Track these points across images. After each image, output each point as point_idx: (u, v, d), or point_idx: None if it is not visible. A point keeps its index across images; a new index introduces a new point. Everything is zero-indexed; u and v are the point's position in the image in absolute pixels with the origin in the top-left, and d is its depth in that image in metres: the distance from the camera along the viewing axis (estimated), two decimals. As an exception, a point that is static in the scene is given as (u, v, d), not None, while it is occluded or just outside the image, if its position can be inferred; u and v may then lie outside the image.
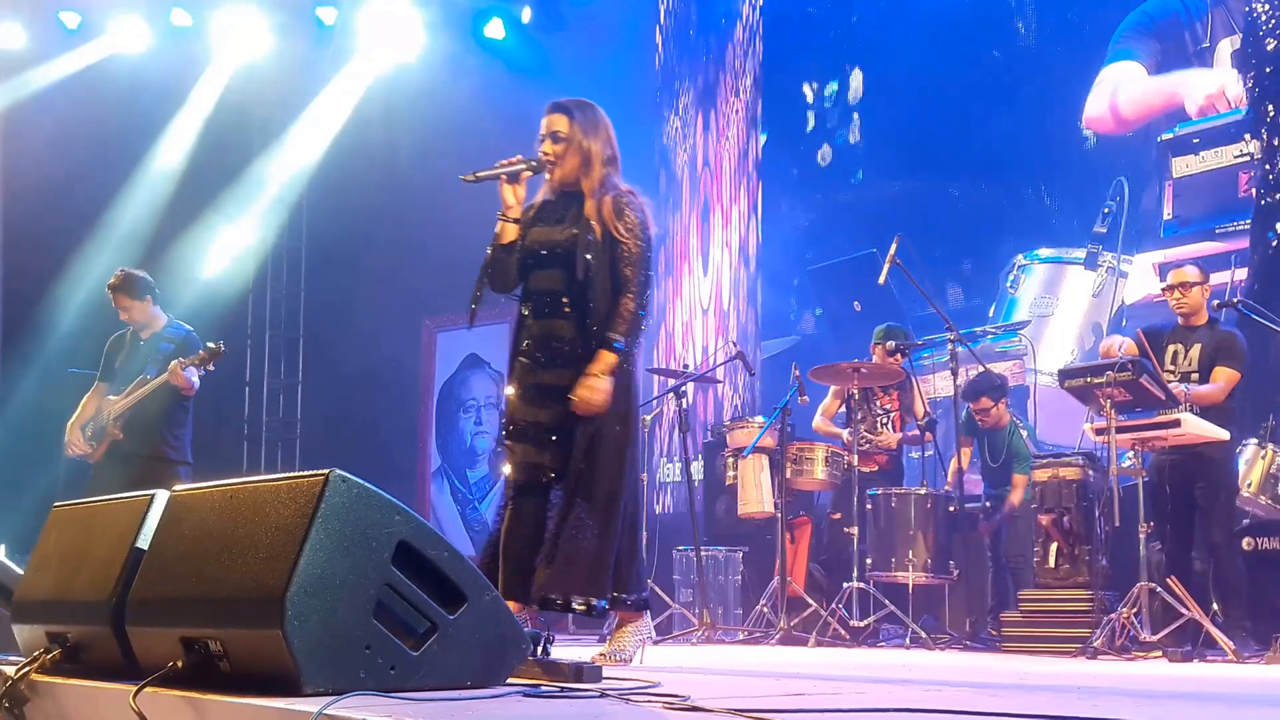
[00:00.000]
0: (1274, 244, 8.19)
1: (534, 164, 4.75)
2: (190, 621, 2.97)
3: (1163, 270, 7.79)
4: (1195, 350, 6.80)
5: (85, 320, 10.95)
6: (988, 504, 8.21)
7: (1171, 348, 6.85)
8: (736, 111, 11.71)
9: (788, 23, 11.47)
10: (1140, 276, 8.85)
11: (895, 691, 3.73)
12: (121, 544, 3.42)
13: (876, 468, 8.22)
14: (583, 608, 4.52)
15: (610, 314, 4.61)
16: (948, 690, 3.73)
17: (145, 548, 3.34)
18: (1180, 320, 6.92)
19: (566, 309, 4.66)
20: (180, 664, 2.95)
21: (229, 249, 12.63)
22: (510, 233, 4.78)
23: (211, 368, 7.16)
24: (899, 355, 8.00)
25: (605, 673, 3.43)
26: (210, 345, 7.11)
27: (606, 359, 4.54)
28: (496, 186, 4.85)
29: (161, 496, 3.43)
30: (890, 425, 8.36)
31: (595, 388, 4.51)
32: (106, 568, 3.42)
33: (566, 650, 4.83)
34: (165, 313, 7.48)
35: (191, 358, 7.06)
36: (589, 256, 4.60)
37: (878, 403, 8.38)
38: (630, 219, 4.66)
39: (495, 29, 11.89)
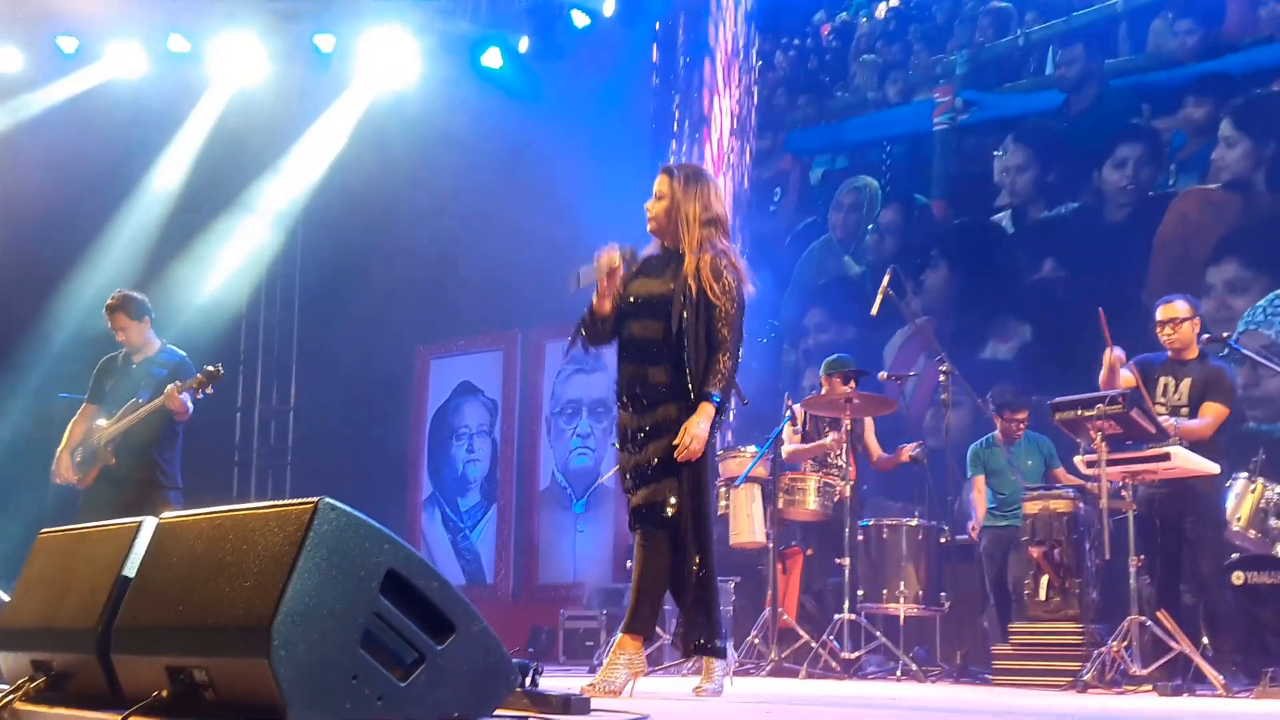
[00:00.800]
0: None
1: (627, 252, 4.98)
2: (176, 650, 2.96)
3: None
4: (1185, 384, 6.83)
5: (76, 345, 10.93)
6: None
7: (1162, 381, 6.87)
8: (731, 145, 11.79)
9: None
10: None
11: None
12: (108, 571, 3.41)
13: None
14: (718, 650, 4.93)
15: (707, 369, 4.87)
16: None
17: (132, 575, 3.32)
18: (1171, 354, 6.94)
19: (661, 358, 4.92)
20: (165, 693, 2.93)
21: (223, 275, 12.62)
22: (605, 308, 5.03)
23: (210, 391, 7.13)
24: (851, 384, 8.14)
25: (594, 704, 3.42)
26: (209, 369, 7.07)
27: (706, 410, 4.81)
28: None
29: (149, 523, 3.41)
30: (844, 458, 8.37)
31: (696, 435, 4.78)
32: (92, 595, 3.40)
33: (554, 681, 4.82)
34: (159, 338, 7.46)
35: (188, 381, 7.04)
36: (684, 314, 4.86)
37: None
38: (727, 281, 4.91)
39: (493, 58, 11.93)
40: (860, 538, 7.91)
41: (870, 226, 10.77)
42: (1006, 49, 10.16)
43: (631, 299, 5.01)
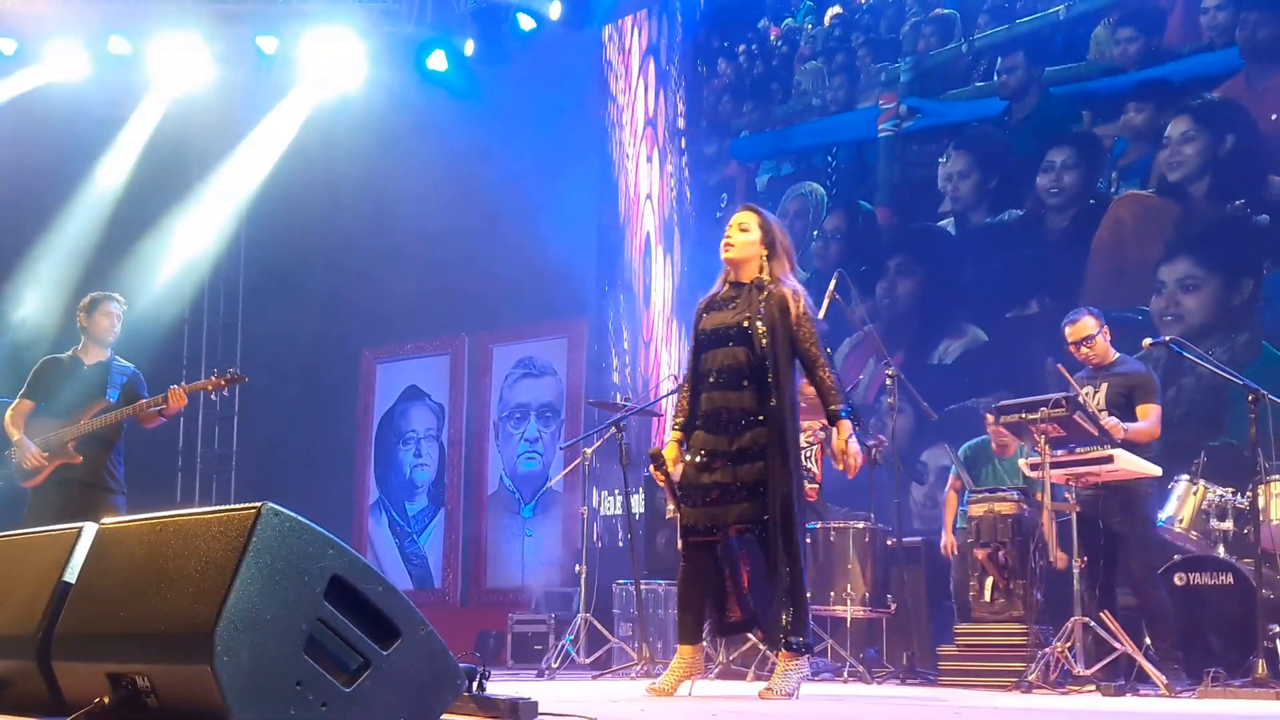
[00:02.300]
0: None
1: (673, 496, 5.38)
2: (118, 657, 2.93)
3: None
4: (1102, 389, 6.92)
5: (16, 349, 10.81)
6: None
7: (1084, 389, 6.93)
8: (668, 151, 11.82)
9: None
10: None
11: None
12: (48, 577, 3.37)
13: (814, 498, 8.21)
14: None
15: (820, 389, 5.29)
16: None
17: (73, 581, 3.29)
18: (1091, 368, 7.07)
19: (745, 384, 5.21)
20: (107, 700, 2.90)
21: (165, 278, 12.49)
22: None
23: (225, 394, 7.33)
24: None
25: (541, 708, 3.41)
26: (230, 372, 7.27)
27: (845, 426, 5.23)
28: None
29: (90, 529, 3.38)
30: (812, 461, 8.41)
31: (852, 452, 5.20)
32: (32, 601, 3.36)
33: (502, 685, 4.81)
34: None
35: (203, 382, 7.21)
36: (767, 341, 5.18)
37: None
38: (808, 308, 5.32)
39: (438, 60, 11.88)
40: (808, 540, 7.93)
41: (815, 233, 10.81)
42: (950, 56, 10.22)
43: (708, 331, 5.36)
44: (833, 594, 7.73)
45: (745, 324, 5.23)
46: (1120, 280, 9.04)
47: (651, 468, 5.39)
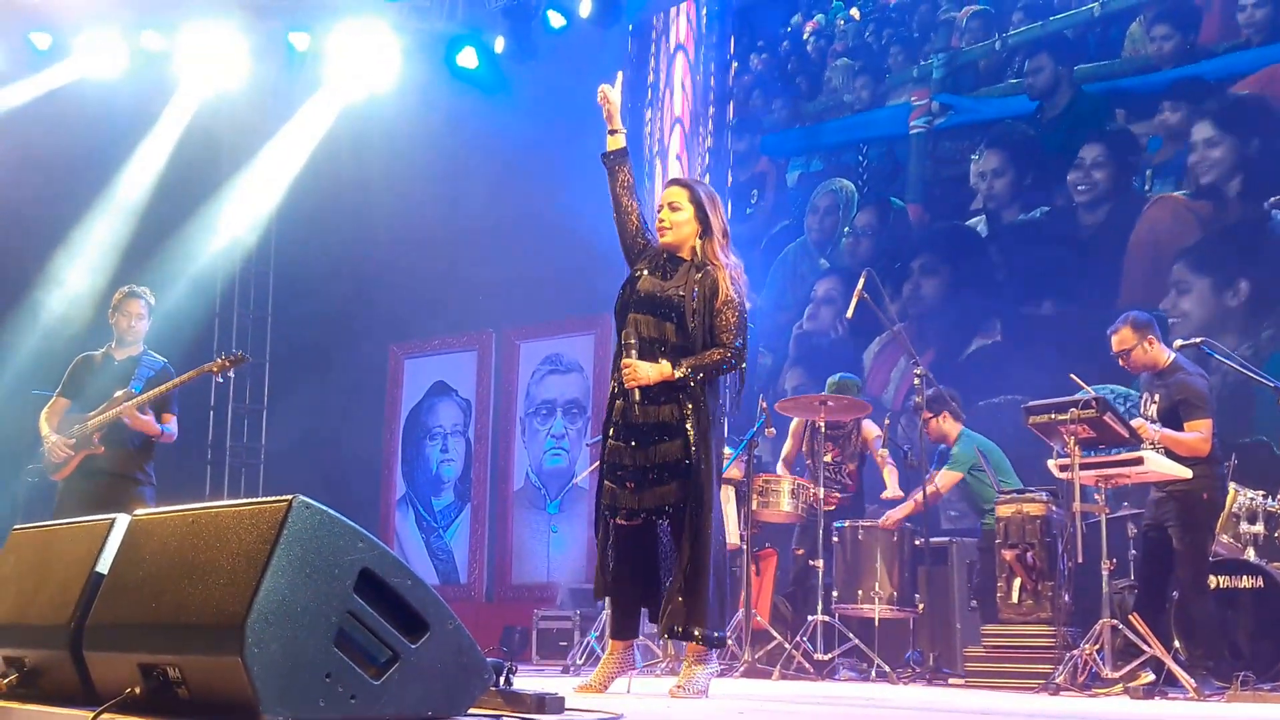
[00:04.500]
0: None
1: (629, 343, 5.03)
2: (149, 647, 2.94)
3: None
4: (1158, 398, 6.78)
5: (49, 342, 10.87)
6: None
7: (1144, 396, 6.88)
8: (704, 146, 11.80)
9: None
10: None
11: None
12: (81, 568, 3.39)
13: (835, 505, 8.19)
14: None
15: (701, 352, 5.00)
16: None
17: (105, 572, 3.31)
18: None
19: (667, 358, 4.98)
20: (138, 690, 2.92)
21: (196, 273, 12.56)
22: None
23: (231, 375, 7.24)
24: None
25: (568, 703, 3.42)
26: (235, 353, 7.27)
27: (665, 368, 4.94)
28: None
29: (122, 520, 3.40)
30: (846, 476, 8.43)
31: (638, 369, 4.92)
32: (65, 592, 3.38)
33: (528, 681, 4.81)
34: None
35: (210, 364, 7.17)
36: (696, 320, 4.98)
37: (826, 456, 8.37)
38: (734, 296, 5.05)
39: (468, 58, 11.90)
40: (835, 539, 7.93)
41: (846, 229, 10.78)
42: (983, 53, 10.19)
43: (641, 294, 5.10)
44: (860, 593, 7.72)
45: (678, 298, 5.02)
46: (1154, 279, 8.99)
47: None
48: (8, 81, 11.73)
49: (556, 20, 11.56)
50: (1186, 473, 6.52)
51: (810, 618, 7.59)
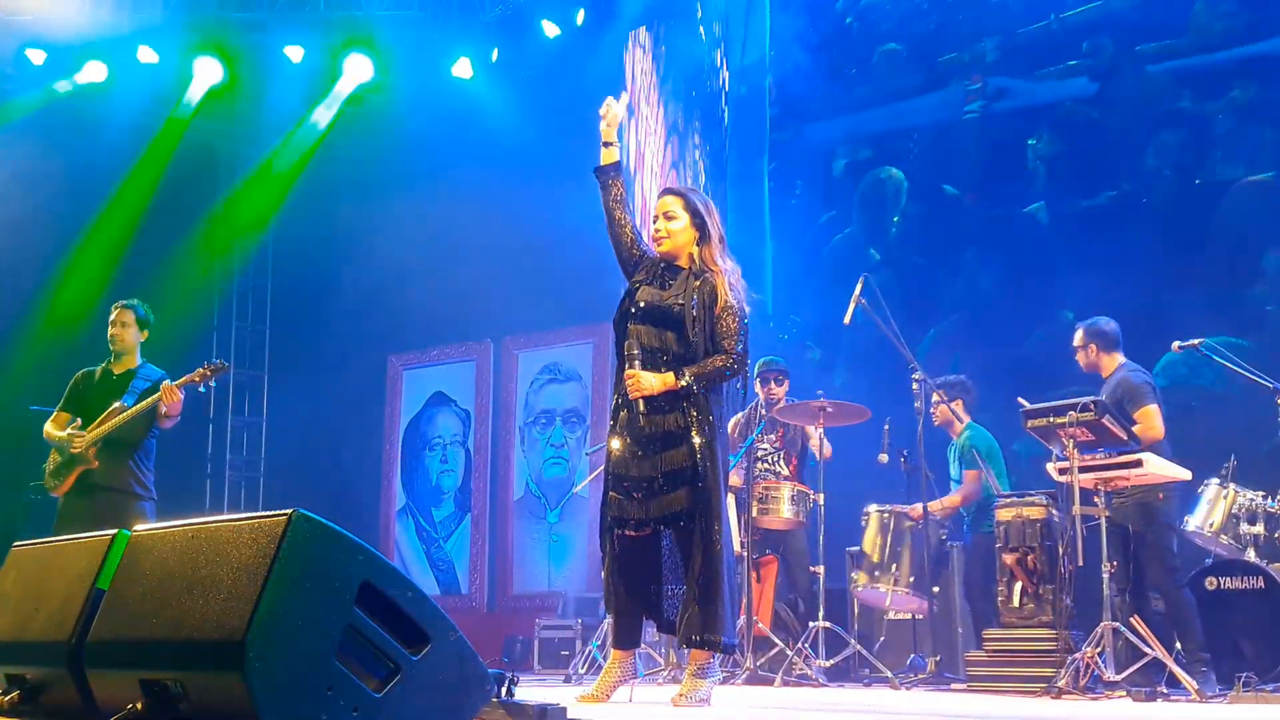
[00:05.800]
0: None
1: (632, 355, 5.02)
2: (150, 664, 2.94)
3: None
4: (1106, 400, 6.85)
5: (47, 358, 10.86)
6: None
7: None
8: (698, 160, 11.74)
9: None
10: None
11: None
12: (81, 584, 3.39)
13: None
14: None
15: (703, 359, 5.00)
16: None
17: (105, 588, 3.30)
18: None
19: (670, 368, 4.98)
20: (140, 706, 2.92)
21: (194, 285, 12.56)
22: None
23: (212, 385, 7.17)
24: (784, 385, 8.36)
25: (570, 714, 3.41)
26: (212, 362, 7.13)
27: (668, 378, 4.94)
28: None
29: (122, 536, 3.40)
30: (780, 462, 8.42)
31: (642, 379, 4.92)
32: (66, 608, 3.38)
33: (530, 691, 4.81)
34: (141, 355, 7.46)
35: (190, 375, 7.05)
36: (697, 328, 4.98)
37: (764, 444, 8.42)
38: (733, 302, 5.04)
39: (463, 68, 11.93)
40: (863, 522, 8.12)
41: (896, 218, 10.47)
42: (1039, 34, 9.79)
43: (640, 305, 5.10)
44: (879, 573, 7.83)
45: (677, 307, 5.02)
46: (1239, 266, 8.69)
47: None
48: (4, 97, 11.75)
49: (551, 30, 11.58)
50: (1186, 474, 6.54)
51: (812, 624, 7.59)
